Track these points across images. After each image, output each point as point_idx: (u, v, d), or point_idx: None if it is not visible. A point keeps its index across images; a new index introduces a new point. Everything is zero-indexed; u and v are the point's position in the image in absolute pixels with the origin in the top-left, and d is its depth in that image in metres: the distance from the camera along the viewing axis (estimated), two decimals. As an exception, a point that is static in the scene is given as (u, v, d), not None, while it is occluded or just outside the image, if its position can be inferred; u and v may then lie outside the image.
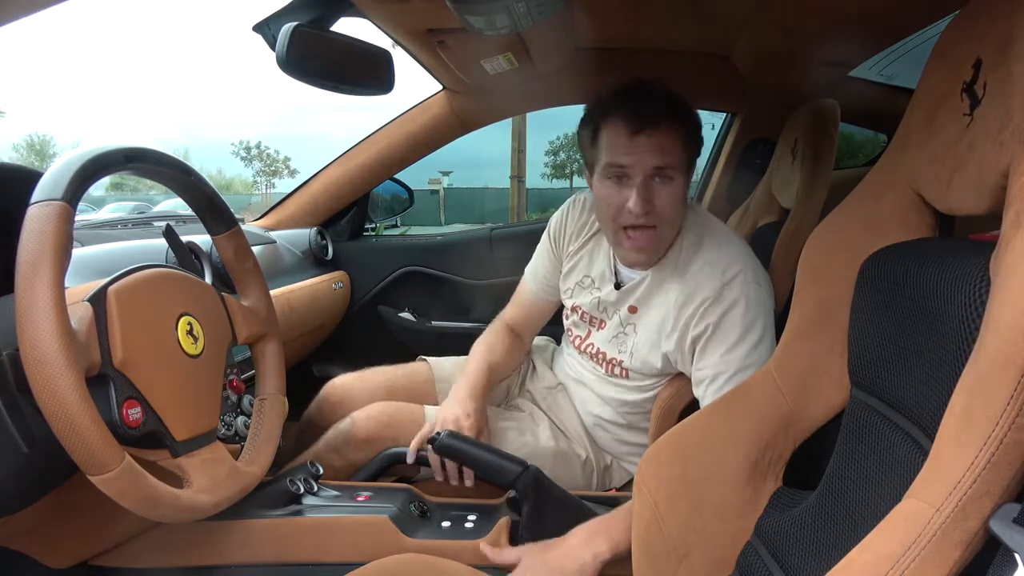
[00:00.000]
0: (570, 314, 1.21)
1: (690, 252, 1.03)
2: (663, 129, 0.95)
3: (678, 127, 0.97)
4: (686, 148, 0.98)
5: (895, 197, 0.67)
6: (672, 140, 0.96)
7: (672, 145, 0.96)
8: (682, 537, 0.75)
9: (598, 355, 1.14)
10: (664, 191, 0.97)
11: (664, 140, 0.96)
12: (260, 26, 0.97)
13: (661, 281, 1.05)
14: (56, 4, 0.56)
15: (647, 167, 0.96)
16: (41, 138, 35.25)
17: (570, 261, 1.21)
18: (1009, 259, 0.45)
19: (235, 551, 0.90)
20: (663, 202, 0.97)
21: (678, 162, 0.97)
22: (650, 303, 1.07)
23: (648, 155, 0.96)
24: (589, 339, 1.17)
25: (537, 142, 24.95)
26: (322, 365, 1.77)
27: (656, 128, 0.95)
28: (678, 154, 0.97)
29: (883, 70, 1.58)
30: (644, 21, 1.25)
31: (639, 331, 1.08)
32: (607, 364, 1.13)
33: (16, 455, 0.64)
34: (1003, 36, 0.51)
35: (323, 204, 1.75)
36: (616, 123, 0.97)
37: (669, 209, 0.98)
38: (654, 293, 1.06)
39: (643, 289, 1.07)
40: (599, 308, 1.14)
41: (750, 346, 0.96)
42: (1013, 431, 0.42)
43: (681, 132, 0.97)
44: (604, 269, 1.14)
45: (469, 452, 0.98)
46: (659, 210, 0.97)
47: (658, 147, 0.95)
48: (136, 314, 0.73)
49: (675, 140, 0.96)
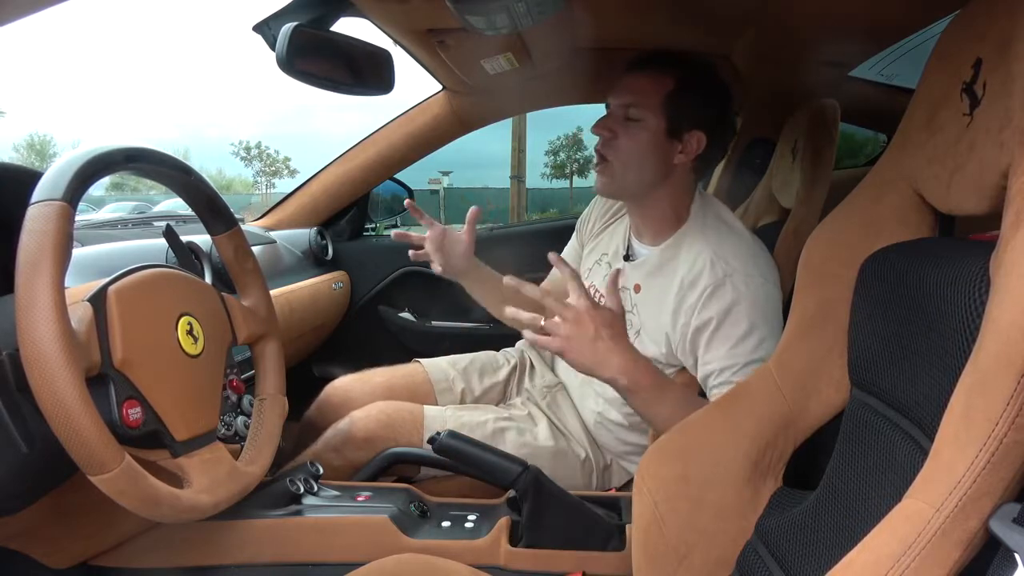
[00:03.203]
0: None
1: (697, 236, 1.04)
2: (650, 72, 1.02)
3: (669, 77, 1.01)
4: (671, 100, 1.01)
5: (895, 197, 0.67)
6: (654, 84, 1.01)
7: (651, 89, 1.01)
8: (682, 537, 0.75)
9: None
10: (626, 130, 1.02)
11: (646, 82, 1.02)
12: (260, 26, 0.97)
13: (666, 261, 1.06)
14: (56, 4, 0.56)
15: (618, 103, 1.03)
16: (41, 138, 35.31)
17: (592, 242, 1.25)
18: (1009, 259, 0.45)
19: (235, 551, 0.90)
20: (622, 140, 1.02)
21: (652, 105, 1.01)
22: (654, 282, 1.07)
23: (624, 93, 1.03)
24: None
25: (537, 142, 24.95)
26: (322, 365, 1.77)
27: (643, 71, 1.02)
28: (654, 98, 1.01)
29: (883, 70, 1.58)
30: (644, 21, 1.25)
31: (642, 311, 1.08)
32: None
33: (16, 455, 0.64)
34: (1003, 36, 0.51)
35: (323, 204, 1.75)
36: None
37: (625, 148, 1.03)
38: (658, 273, 1.06)
39: (649, 267, 1.08)
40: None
41: (757, 340, 0.96)
42: (1013, 431, 0.41)
43: (671, 82, 1.01)
44: (619, 245, 1.17)
45: (469, 452, 0.98)
46: (615, 145, 1.03)
47: (636, 87, 1.02)
48: (136, 314, 0.73)
49: (657, 86, 1.01)
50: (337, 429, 1.15)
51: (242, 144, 35.18)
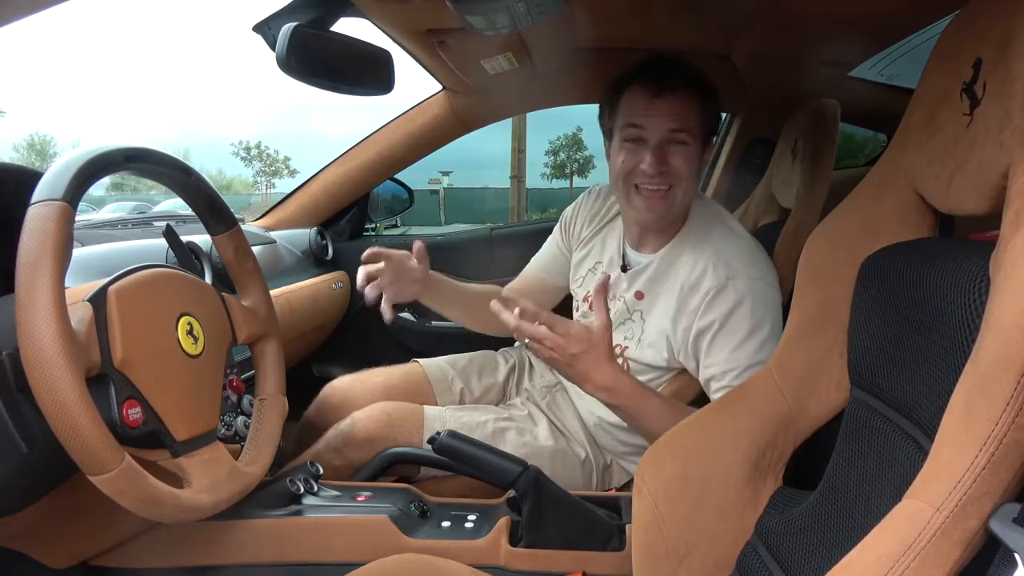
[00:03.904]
0: (580, 305, 1.23)
1: (698, 240, 1.04)
2: (681, 95, 0.99)
3: (695, 95, 1.00)
4: (702, 116, 1.01)
5: (895, 197, 0.67)
6: (688, 106, 0.99)
7: (688, 111, 0.99)
8: (682, 537, 0.75)
9: None
10: (678, 154, 1.00)
11: (681, 105, 0.99)
12: (260, 26, 0.97)
13: (668, 267, 1.06)
14: (56, 4, 0.56)
15: (663, 129, 0.99)
16: (41, 138, 35.26)
17: (582, 250, 1.23)
18: (1009, 259, 0.45)
19: (235, 551, 0.90)
20: (677, 163, 1.00)
21: (694, 127, 1.00)
22: (657, 289, 1.07)
23: (665, 118, 0.99)
24: None
25: (537, 142, 24.98)
26: (322, 365, 1.76)
27: (674, 93, 0.99)
28: (694, 120, 1.00)
29: (883, 70, 1.58)
30: (644, 21, 1.25)
31: (647, 318, 1.08)
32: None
33: (16, 455, 0.64)
34: (1003, 36, 0.51)
35: (323, 204, 1.75)
36: (636, 89, 1.00)
37: (683, 169, 1.00)
38: (660, 279, 1.06)
39: (649, 274, 1.08)
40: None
41: (759, 343, 0.96)
42: (1013, 431, 0.42)
43: (698, 100, 1.00)
44: (613, 253, 1.16)
45: (469, 452, 0.98)
46: (673, 170, 1.00)
47: (675, 111, 0.99)
48: (136, 314, 0.73)
49: (691, 107, 1.00)
50: (337, 429, 1.15)
51: (242, 144, 35.17)
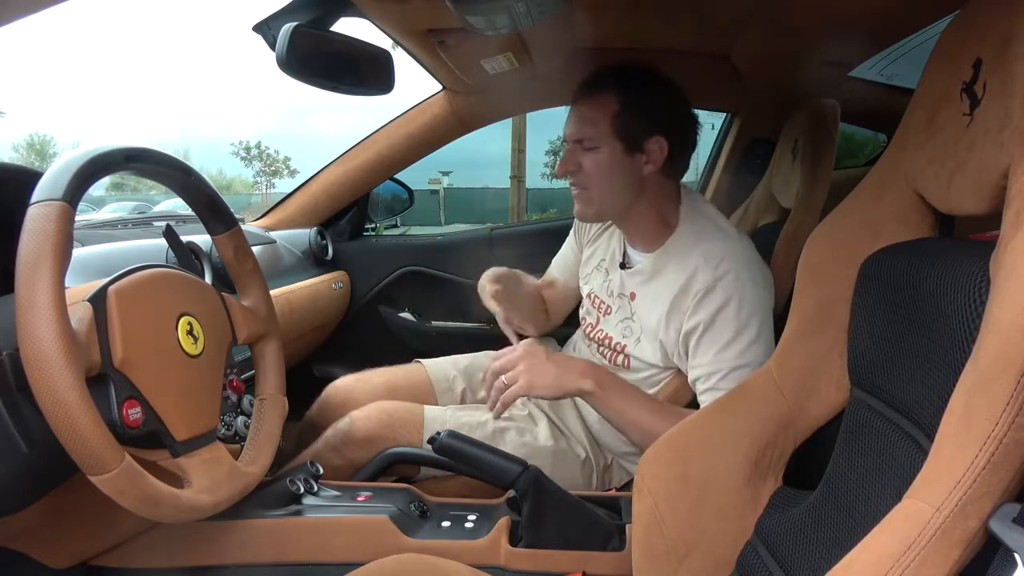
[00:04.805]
0: (584, 302, 1.24)
1: (689, 241, 1.04)
2: (589, 101, 1.04)
3: (609, 98, 1.02)
4: (618, 117, 1.02)
5: (895, 197, 0.67)
6: (596, 111, 1.03)
7: (595, 116, 1.03)
8: (682, 537, 0.75)
9: (605, 340, 1.16)
10: (588, 158, 1.04)
11: (588, 111, 1.04)
12: (260, 26, 0.97)
13: (659, 269, 1.06)
14: (56, 4, 0.56)
15: (570, 136, 1.06)
16: (41, 138, 35.28)
17: (591, 247, 1.25)
18: (1009, 259, 0.45)
19: (235, 551, 0.90)
20: (587, 165, 1.05)
21: (600, 133, 1.03)
22: (647, 291, 1.08)
23: (571, 125, 1.06)
24: (599, 325, 1.18)
25: (537, 142, 24.87)
26: (322, 365, 1.77)
27: (584, 100, 1.04)
28: (603, 125, 1.02)
29: (883, 70, 1.58)
30: (644, 21, 1.25)
31: (638, 319, 1.09)
32: (612, 351, 1.14)
33: (16, 455, 0.64)
34: (1003, 36, 0.51)
35: (323, 204, 1.75)
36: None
37: (594, 173, 1.05)
38: (652, 281, 1.07)
39: (644, 274, 1.09)
40: (607, 291, 1.16)
41: (744, 345, 0.96)
42: (1013, 431, 0.42)
43: (611, 103, 1.02)
44: (615, 251, 1.17)
45: (469, 452, 0.98)
46: (584, 172, 1.05)
47: (580, 118, 1.05)
48: (136, 314, 0.73)
49: (600, 111, 1.03)
50: (337, 429, 1.15)
51: (242, 144, 35.12)
